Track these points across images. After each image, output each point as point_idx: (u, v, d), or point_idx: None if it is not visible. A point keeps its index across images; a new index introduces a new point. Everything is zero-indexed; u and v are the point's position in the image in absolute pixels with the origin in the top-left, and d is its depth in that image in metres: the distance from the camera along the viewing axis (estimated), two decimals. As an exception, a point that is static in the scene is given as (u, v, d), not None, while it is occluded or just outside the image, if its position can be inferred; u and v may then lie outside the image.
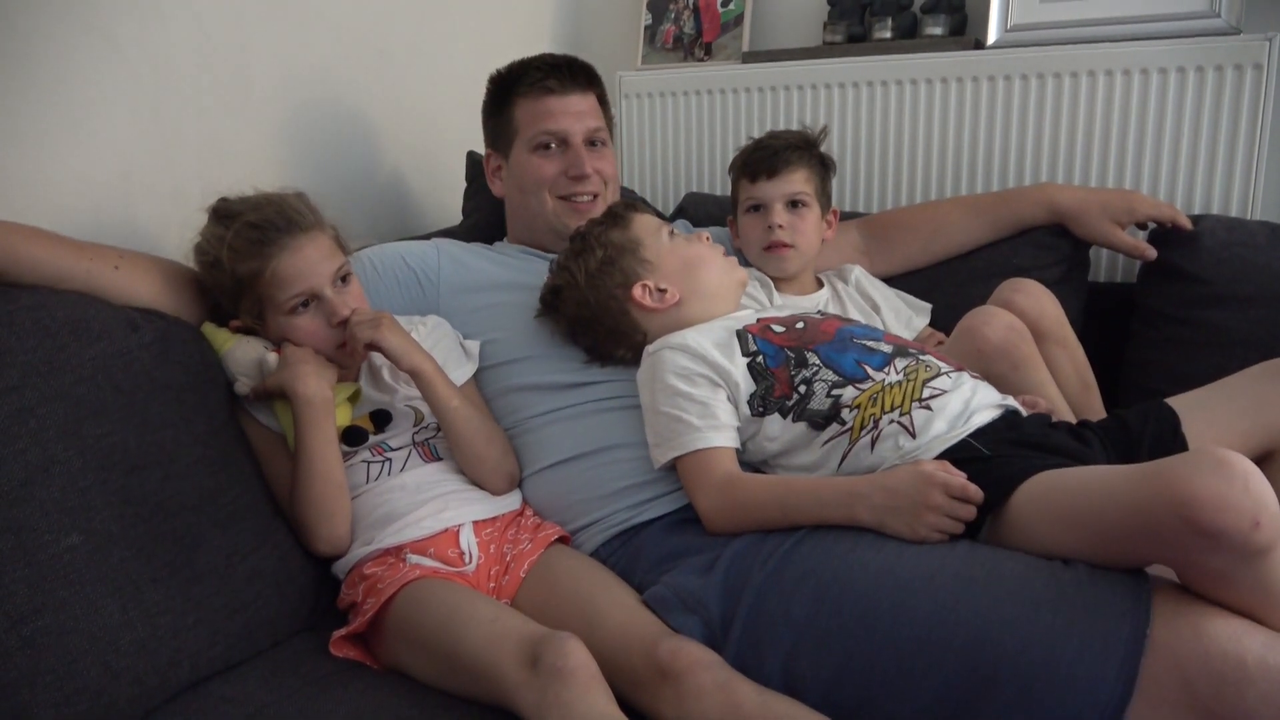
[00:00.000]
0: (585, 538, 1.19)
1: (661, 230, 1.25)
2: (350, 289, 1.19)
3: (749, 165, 1.41)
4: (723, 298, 1.23)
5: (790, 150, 1.39)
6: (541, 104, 1.41)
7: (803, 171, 1.40)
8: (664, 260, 1.22)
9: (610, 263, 1.22)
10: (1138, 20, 1.57)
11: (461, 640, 0.98)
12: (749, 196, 1.41)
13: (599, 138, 1.44)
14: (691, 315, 1.20)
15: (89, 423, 0.98)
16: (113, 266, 1.11)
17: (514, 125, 1.43)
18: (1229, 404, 1.04)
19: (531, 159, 1.42)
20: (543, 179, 1.41)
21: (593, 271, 1.22)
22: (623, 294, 1.21)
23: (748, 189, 1.41)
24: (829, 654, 0.92)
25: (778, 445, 1.11)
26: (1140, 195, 1.45)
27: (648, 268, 1.22)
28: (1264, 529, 0.75)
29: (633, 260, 1.22)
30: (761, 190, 1.39)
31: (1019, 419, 1.08)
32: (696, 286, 1.22)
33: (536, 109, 1.42)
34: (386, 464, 1.19)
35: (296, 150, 1.57)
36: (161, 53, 1.33)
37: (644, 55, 2.03)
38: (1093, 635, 0.83)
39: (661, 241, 1.24)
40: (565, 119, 1.41)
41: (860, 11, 1.82)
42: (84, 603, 0.92)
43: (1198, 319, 1.40)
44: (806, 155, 1.41)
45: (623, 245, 1.22)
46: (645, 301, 1.21)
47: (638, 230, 1.24)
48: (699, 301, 1.21)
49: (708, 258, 1.24)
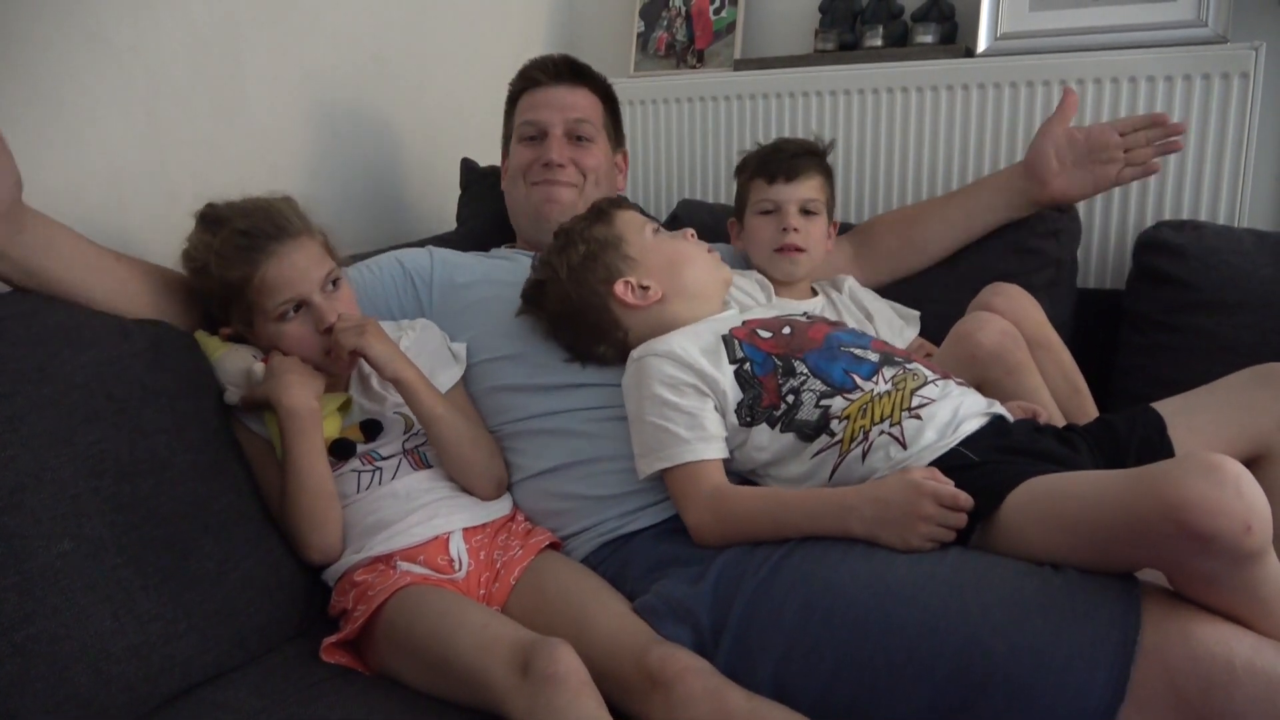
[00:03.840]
0: (575, 545, 1.19)
1: (646, 227, 1.24)
2: (340, 294, 1.18)
3: (767, 167, 1.41)
4: (707, 296, 1.23)
5: (808, 157, 1.42)
6: (529, 97, 1.47)
7: (817, 179, 1.42)
8: (648, 257, 1.21)
9: (593, 258, 1.21)
10: (1126, 29, 1.59)
11: (452, 646, 0.98)
12: (764, 198, 1.41)
13: (583, 131, 1.46)
14: (675, 314, 1.20)
15: (80, 430, 0.99)
16: (115, 259, 1.12)
17: (511, 122, 1.48)
18: (1216, 409, 1.05)
19: (516, 149, 1.47)
20: (520, 166, 1.45)
21: (575, 266, 1.21)
22: (605, 290, 1.20)
23: (763, 190, 1.41)
24: (820, 662, 0.93)
25: (767, 455, 1.10)
26: (1101, 125, 1.42)
27: (631, 264, 1.21)
28: (1255, 533, 0.75)
29: (616, 256, 1.21)
30: (778, 193, 1.40)
31: (1006, 425, 1.08)
32: (680, 284, 1.21)
33: (525, 103, 1.47)
34: (377, 473, 1.19)
35: (290, 155, 1.57)
36: (155, 57, 1.33)
37: (637, 62, 2.04)
38: (1083, 640, 0.83)
39: (645, 238, 1.23)
40: (545, 110, 1.44)
41: (851, 20, 1.83)
42: (75, 610, 0.92)
43: (1186, 325, 1.41)
44: (821, 164, 1.43)
45: (606, 241, 1.21)
46: (628, 298, 1.20)
47: (621, 226, 1.23)
48: (683, 300, 1.21)
49: (692, 255, 1.24)
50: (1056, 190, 1.43)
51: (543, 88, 1.46)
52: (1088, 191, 1.44)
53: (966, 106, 1.67)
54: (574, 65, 1.49)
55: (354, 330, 1.15)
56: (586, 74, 1.49)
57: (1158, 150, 1.40)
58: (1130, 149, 1.40)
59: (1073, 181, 1.42)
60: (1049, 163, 1.42)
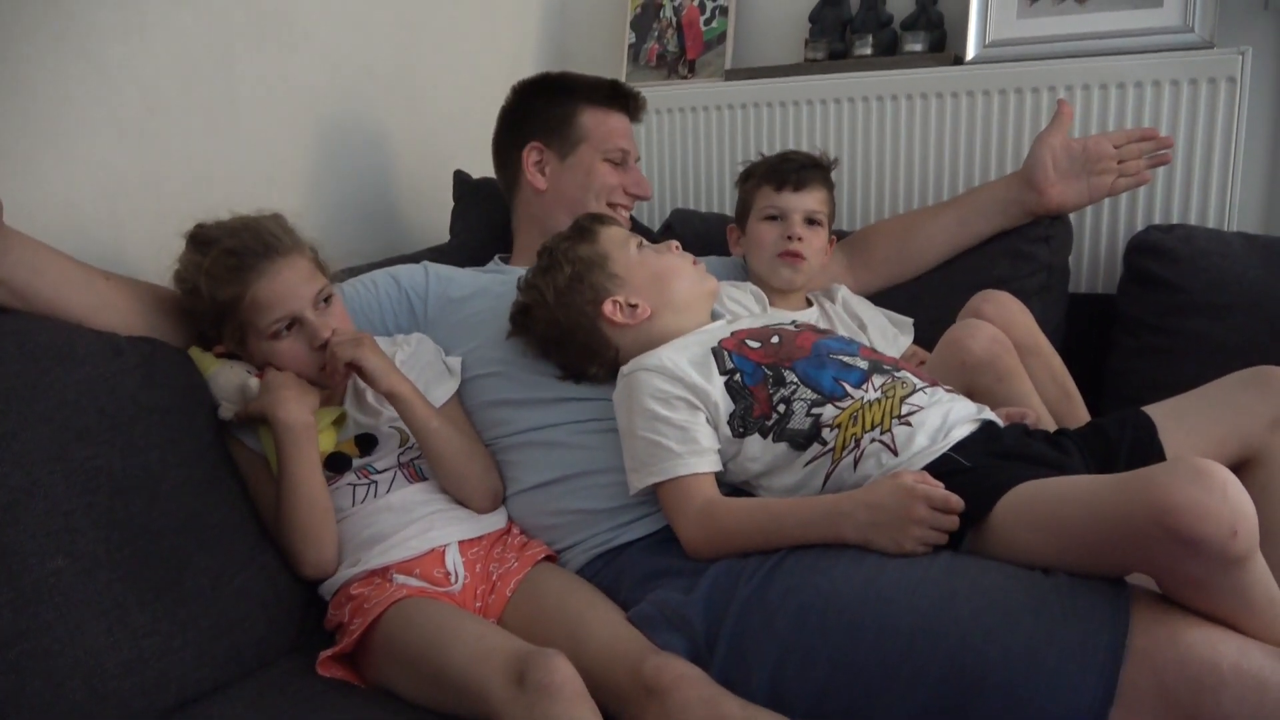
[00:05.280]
0: (570, 556, 1.19)
1: (629, 242, 1.24)
2: (332, 310, 1.19)
3: (775, 174, 1.43)
4: (695, 309, 1.23)
5: (816, 169, 1.44)
6: (613, 119, 1.51)
7: (823, 192, 1.44)
8: (633, 274, 1.21)
9: (579, 279, 1.20)
10: (1114, 35, 1.60)
11: (448, 658, 0.98)
12: (770, 205, 1.43)
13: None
14: (664, 329, 1.20)
15: (74, 446, 0.99)
16: (104, 278, 1.12)
17: (580, 129, 1.49)
18: (1206, 412, 1.05)
19: (603, 166, 1.49)
20: (608, 186, 1.49)
21: (561, 289, 1.20)
22: (593, 311, 1.20)
23: (769, 197, 1.43)
24: (814, 668, 0.93)
25: (760, 466, 1.10)
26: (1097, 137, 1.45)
27: (617, 282, 1.20)
28: (1241, 537, 0.76)
29: (601, 275, 1.20)
30: (785, 200, 1.42)
31: (997, 430, 1.09)
32: (668, 299, 1.21)
33: (609, 123, 1.50)
34: (372, 486, 1.19)
35: (283, 171, 1.57)
36: (147, 75, 1.34)
37: (628, 73, 2.05)
38: (1073, 643, 0.84)
39: (630, 254, 1.23)
40: (628, 140, 1.52)
41: (841, 29, 1.84)
42: (69, 626, 0.92)
43: (1177, 328, 1.42)
44: (826, 178, 1.46)
45: (590, 260, 1.21)
46: (616, 318, 1.19)
47: (605, 244, 1.23)
48: (671, 314, 1.21)
49: (678, 268, 1.24)
50: (1054, 200, 1.45)
51: (621, 115, 1.52)
52: (1083, 201, 1.47)
53: (956, 114, 1.68)
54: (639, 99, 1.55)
55: (350, 343, 1.15)
56: (642, 108, 1.56)
57: (1150, 162, 1.45)
58: (1124, 160, 1.44)
59: (1069, 191, 1.45)
60: (1047, 172, 1.44)
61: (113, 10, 1.28)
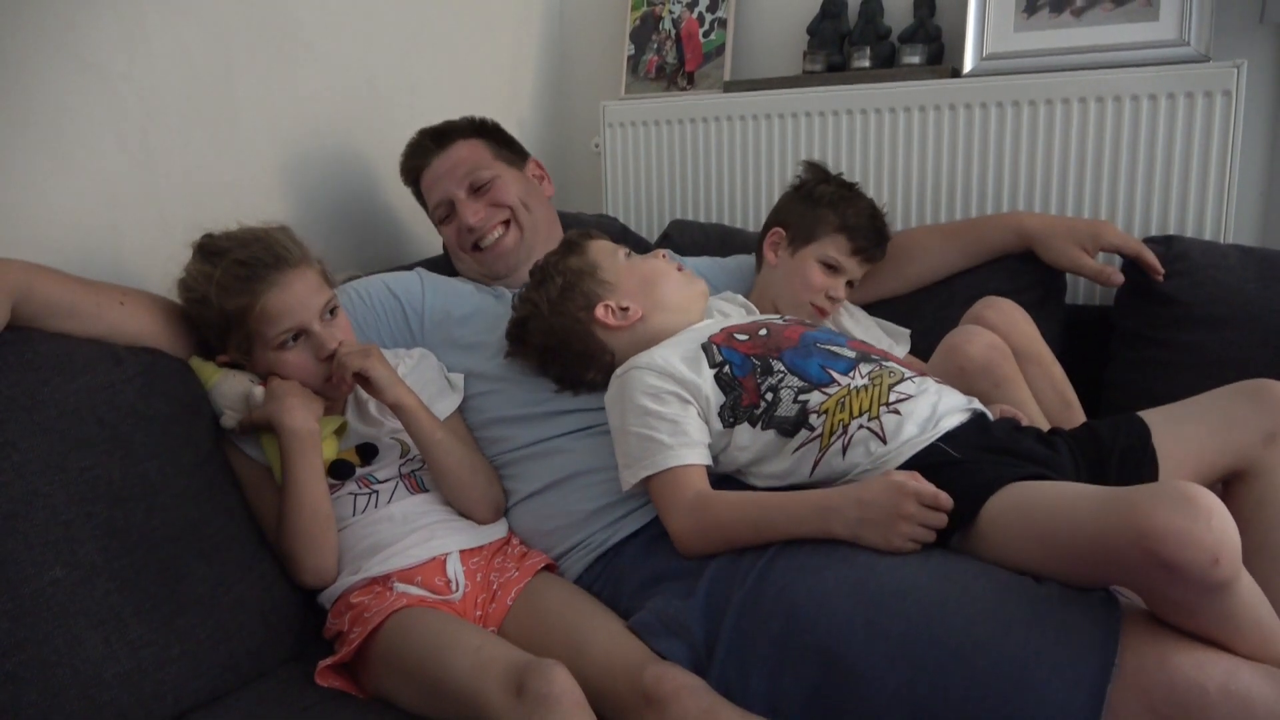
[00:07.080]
0: (568, 564, 1.20)
1: (618, 252, 1.28)
2: (337, 322, 1.20)
3: (862, 237, 1.41)
4: (685, 309, 1.25)
5: (884, 245, 1.45)
6: (424, 184, 1.53)
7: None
8: (623, 279, 1.24)
9: (571, 288, 1.23)
10: (1110, 49, 1.61)
11: (447, 668, 0.98)
12: (837, 258, 1.40)
13: (480, 179, 1.47)
14: (656, 329, 1.22)
15: (73, 456, 0.99)
16: (118, 303, 1.12)
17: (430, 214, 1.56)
18: (1200, 421, 1.06)
19: (444, 232, 1.53)
20: (454, 245, 1.50)
21: (554, 299, 1.23)
22: (586, 316, 1.23)
23: (841, 249, 1.40)
24: (807, 671, 0.93)
25: (749, 454, 1.11)
26: (1110, 226, 1.45)
27: (608, 288, 1.23)
28: (1223, 565, 0.76)
29: (592, 283, 1.23)
30: (851, 265, 1.42)
31: (987, 423, 1.09)
32: (658, 300, 1.24)
33: (425, 190, 1.53)
34: (373, 496, 1.19)
35: (283, 181, 1.58)
36: (149, 85, 1.34)
37: (627, 85, 2.06)
38: (1063, 660, 0.84)
39: (619, 262, 1.26)
40: (439, 185, 1.49)
41: (839, 41, 1.85)
42: (67, 636, 0.92)
43: (1173, 340, 1.42)
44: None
45: (581, 270, 1.24)
46: (609, 321, 1.22)
47: (594, 254, 1.26)
48: (662, 314, 1.23)
49: (665, 271, 1.27)
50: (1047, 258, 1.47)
51: (427, 169, 1.50)
52: (1063, 266, 1.46)
53: (954, 126, 1.69)
54: (433, 133, 1.52)
55: (359, 354, 1.16)
56: (447, 131, 1.52)
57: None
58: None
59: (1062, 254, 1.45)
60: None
61: (114, 21, 1.29)
